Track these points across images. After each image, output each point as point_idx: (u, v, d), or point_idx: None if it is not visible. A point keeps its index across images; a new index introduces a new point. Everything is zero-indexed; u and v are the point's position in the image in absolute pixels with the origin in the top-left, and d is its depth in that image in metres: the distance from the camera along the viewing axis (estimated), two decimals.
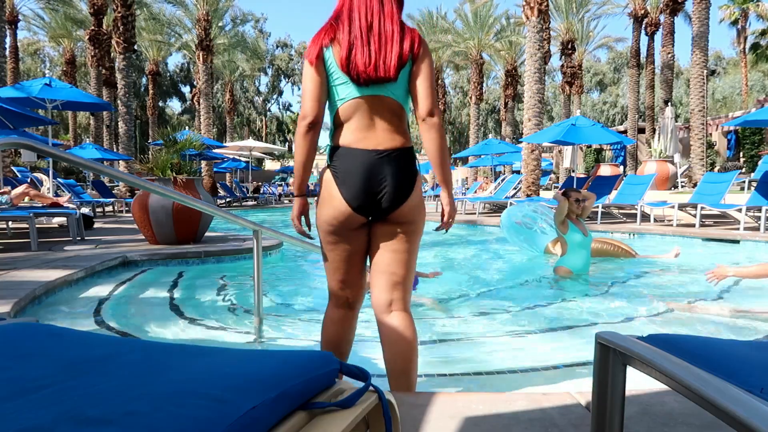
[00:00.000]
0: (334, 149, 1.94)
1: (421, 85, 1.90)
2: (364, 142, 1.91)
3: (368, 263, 2.13)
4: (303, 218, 2.14)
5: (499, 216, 8.40)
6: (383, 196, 1.91)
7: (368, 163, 1.89)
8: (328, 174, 1.97)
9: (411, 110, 2.01)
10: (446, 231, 2.08)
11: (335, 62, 1.90)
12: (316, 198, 2.09)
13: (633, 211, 11.04)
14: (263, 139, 52.83)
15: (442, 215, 2.07)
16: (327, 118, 2.01)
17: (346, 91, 1.91)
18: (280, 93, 59.38)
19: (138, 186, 2.98)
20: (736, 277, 3.99)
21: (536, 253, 7.19)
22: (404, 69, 1.90)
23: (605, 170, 18.27)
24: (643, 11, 26.26)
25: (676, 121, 21.14)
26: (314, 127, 1.96)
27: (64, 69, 30.46)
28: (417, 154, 1.98)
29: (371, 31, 1.88)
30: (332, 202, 1.96)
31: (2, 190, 7.09)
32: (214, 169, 25.42)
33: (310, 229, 2.17)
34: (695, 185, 13.57)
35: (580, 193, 5.46)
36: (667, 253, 6.55)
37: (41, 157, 17.19)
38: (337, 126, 1.97)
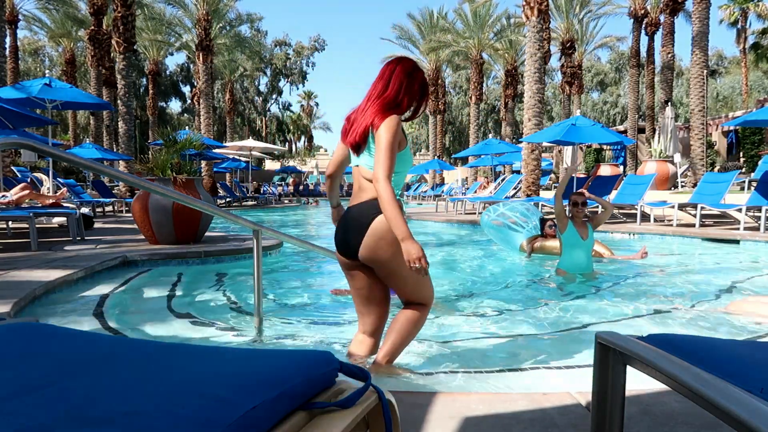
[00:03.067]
0: None
1: (376, 153, 2.26)
2: (351, 202, 2.40)
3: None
4: None
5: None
6: (346, 242, 2.36)
7: (342, 217, 2.45)
8: None
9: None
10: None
11: None
12: (308, 200, 2.29)
13: (633, 211, 11.04)
14: (263, 139, 52.81)
15: None
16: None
17: (350, 162, 2.48)
18: (280, 93, 59.38)
19: (138, 186, 2.98)
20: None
21: (513, 251, 7.24)
22: (370, 139, 2.32)
23: (605, 170, 18.26)
24: (643, 11, 26.24)
25: (676, 121, 21.14)
26: (330, 177, 2.71)
27: (64, 69, 30.46)
28: (418, 154, 2.09)
29: (358, 111, 2.40)
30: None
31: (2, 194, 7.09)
32: (214, 169, 25.42)
33: None
34: (695, 185, 13.58)
35: (583, 196, 5.41)
36: (635, 254, 6.57)
37: (41, 157, 17.19)
38: None
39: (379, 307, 2.50)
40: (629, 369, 1.09)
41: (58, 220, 9.55)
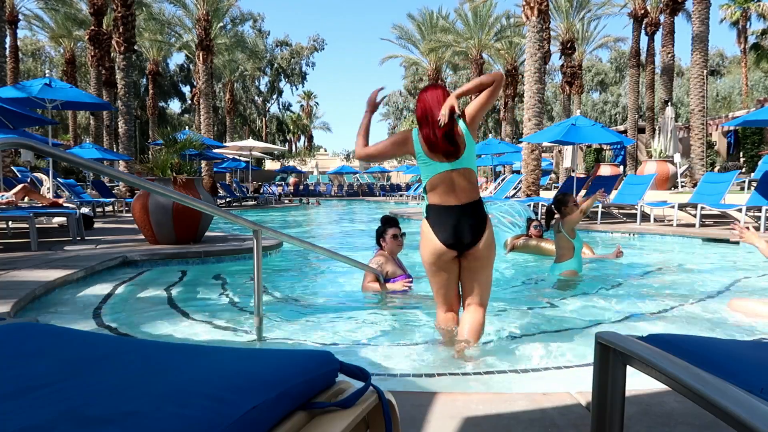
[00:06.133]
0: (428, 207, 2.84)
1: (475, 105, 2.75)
2: (449, 200, 2.73)
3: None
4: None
5: None
6: (464, 235, 2.71)
7: (456, 214, 2.71)
8: (425, 223, 2.83)
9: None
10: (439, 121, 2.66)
11: (422, 149, 2.75)
12: (308, 200, 2.33)
13: (633, 211, 11.04)
14: (263, 139, 52.78)
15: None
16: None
17: (432, 169, 2.74)
18: (280, 93, 59.39)
19: (138, 186, 2.98)
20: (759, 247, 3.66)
21: (499, 249, 7.28)
22: (467, 142, 2.69)
23: (605, 170, 18.25)
24: (643, 11, 26.22)
25: (676, 121, 21.13)
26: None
27: (64, 69, 30.46)
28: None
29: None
30: (430, 242, 2.79)
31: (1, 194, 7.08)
32: (214, 169, 25.41)
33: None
34: (695, 185, 13.57)
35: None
36: (610, 253, 6.58)
37: (40, 157, 17.18)
38: (428, 192, 2.81)
39: (457, 288, 2.99)
40: (629, 369, 1.09)
41: (58, 220, 9.55)
